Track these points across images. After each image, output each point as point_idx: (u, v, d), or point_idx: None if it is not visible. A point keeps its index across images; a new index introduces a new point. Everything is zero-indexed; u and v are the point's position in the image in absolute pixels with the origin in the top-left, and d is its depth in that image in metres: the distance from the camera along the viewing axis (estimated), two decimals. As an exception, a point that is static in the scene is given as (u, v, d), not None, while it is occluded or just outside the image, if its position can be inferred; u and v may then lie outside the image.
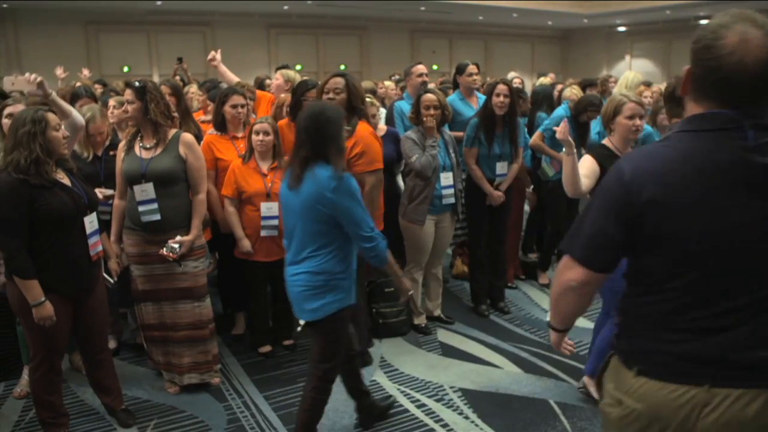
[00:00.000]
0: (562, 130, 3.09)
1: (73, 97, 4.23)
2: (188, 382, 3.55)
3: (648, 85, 5.91)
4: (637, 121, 3.15)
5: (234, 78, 4.72)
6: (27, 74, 3.13)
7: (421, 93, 4.09)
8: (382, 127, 4.37)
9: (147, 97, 3.22)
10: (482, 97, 4.74)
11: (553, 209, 5.12)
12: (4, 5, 13.18)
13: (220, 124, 4.03)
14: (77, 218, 2.90)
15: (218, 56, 4.73)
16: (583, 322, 4.46)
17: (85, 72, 6.81)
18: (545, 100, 5.43)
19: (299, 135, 2.72)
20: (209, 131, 4.12)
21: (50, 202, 2.77)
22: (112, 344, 4.01)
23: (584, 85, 6.23)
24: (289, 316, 4.11)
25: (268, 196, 3.76)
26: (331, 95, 3.52)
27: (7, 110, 3.36)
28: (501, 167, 4.45)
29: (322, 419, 3.23)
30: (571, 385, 3.60)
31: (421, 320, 4.37)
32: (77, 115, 3.34)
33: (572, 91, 5.34)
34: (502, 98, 4.30)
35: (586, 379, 3.46)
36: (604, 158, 3.10)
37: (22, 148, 2.72)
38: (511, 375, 3.76)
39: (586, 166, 3.09)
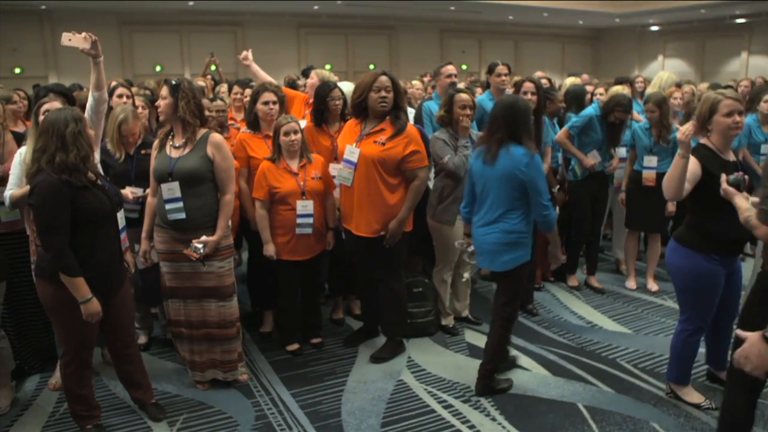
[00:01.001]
0: (684, 131, 2.93)
1: (110, 95, 4.30)
2: (210, 377, 3.60)
3: (679, 86, 5.82)
4: (737, 118, 3.02)
5: (266, 77, 4.75)
6: (84, 33, 3.24)
7: (453, 92, 4.06)
8: None
9: (179, 95, 3.27)
10: None
11: (577, 210, 5.07)
12: (42, 6, 13.49)
13: (253, 122, 4.07)
14: (112, 215, 2.98)
15: (250, 55, 4.76)
16: (616, 326, 4.42)
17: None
18: (574, 100, 5.36)
19: (495, 121, 3.30)
20: (242, 129, 4.16)
21: (90, 200, 2.84)
22: (142, 339, 4.10)
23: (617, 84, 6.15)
24: (316, 314, 4.17)
25: (303, 195, 3.80)
26: (382, 93, 3.61)
27: (44, 107, 3.44)
28: None
29: (348, 418, 3.28)
30: (599, 389, 3.56)
31: (449, 321, 4.35)
32: (105, 91, 3.48)
33: (616, 90, 5.26)
34: (529, 96, 4.30)
35: (672, 385, 3.42)
36: (707, 159, 3.04)
37: (71, 148, 2.78)
38: (539, 377, 3.72)
39: (690, 170, 2.99)
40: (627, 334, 4.32)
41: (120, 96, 4.27)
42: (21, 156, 3.39)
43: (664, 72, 5.89)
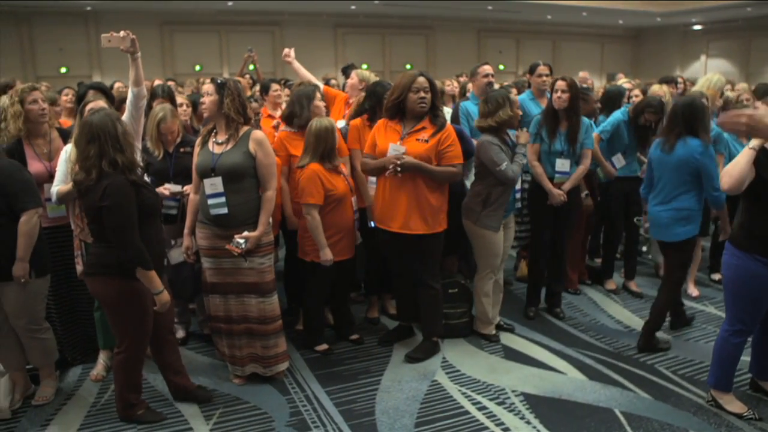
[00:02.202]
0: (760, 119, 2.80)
1: (151, 97, 4.39)
2: (250, 372, 3.64)
3: (731, 85, 5.66)
4: None
5: (307, 74, 4.77)
6: (122, 32, 3.40)
7: (506, 95, 4.03)
8: None
9: (224, 92, 3.35)
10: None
11: (609, 211, 5.00)
12: (87, 8, 13.83)
13: (290, 119, 4.11)
14: (159, 211, 3.15)
15: (292, 53, 4.78)
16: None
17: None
18: (610, 101, 5.25)
19: (674, 117, 3.80)
20: (282, 128, 4.20)
21: (147, 197, 3.02)
22: (180, 333, 4.17)
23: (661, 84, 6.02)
24: (349, 312, 4.20)
25: (352, 192, 3.87)
26: (421, 94, 3.65)
27: (89, 105, 3.53)
28: (561, 164, 4.37)
29: (382, 417, 3.29)
30: (637, 395, 3.50)
31: (489, 330, 4.24)
32: (144, 87, 3.63)
33: (662, 90, 5.17)
34: (560, 94, 4.28)
35: (713, 392, 3.35)
36: (762, 164, 2.95)
37: (125, 147, 2.93)
38: (575, 381, 3.68)
39: None
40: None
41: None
42: (67, 153, 3.49)
43: (713, 74, 5.71)
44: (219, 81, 3.42)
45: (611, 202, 4.96)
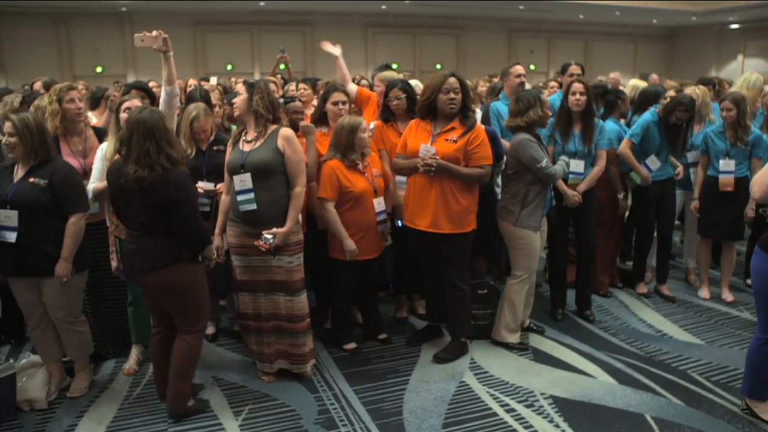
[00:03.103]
0: None
1: (189, 100, 4.46)
2: (278, 368, 3.68)
3: None
4: None
5: (347, 74, 4.76)
6: (154, 31, 3.49)
7: (539, 95, 4.01)
8: None
9: (254, 90, 3.43)
10: None
11: (641, 214, 4.90)
12: (123, 8, 14.09)
13: (321, 119, 4.14)
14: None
15: (338, 50, 4.77)
16: (688, 337, 4.27)
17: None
18: (644, 102, 5.17)
19: None
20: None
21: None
22: (210, 330, 4.22)
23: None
24: (377, 311, 4.21)
25: (375, 192, 3.86)
26: (451, 95, 3.66)
27: (126, 104, 3.61)
28: (575, 165, 4.33)
29: (409, 417, 3.30)
30: (669, 400, 3.44)
31: (514, 338, 4.14)
32: (176, 85, 3.74)
33: (696, 92, 5.07)
34: (577, 96, 4.25)
35: (748, 400, 3.28)
36: None
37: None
38: (605, 385, 3.63)
39: None
40: (699, 345, 4.16)
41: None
42: (102, 151, 3.57)
43: (751, 73, 5.58)
44: (249, 81, 3.50)
45: (644, 206, 4.87)
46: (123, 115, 3.58)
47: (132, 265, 3.16)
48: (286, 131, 3.47)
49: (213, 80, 7.03)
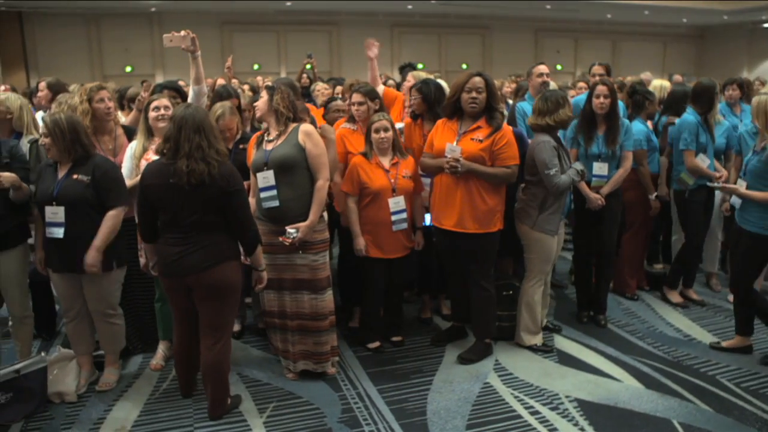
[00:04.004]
0: None
1: (216, 98, 4.49)
2: (302, 369, 3.69)
3: None
4: None
5: (378, 76, 4.77)
6: (182, 31, 3.57)
7: (564, 95, 3.97)
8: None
9: (274, 92, 3.48)
10: None
11: (691, 221, 4.71)
12: (152, 9, 14.27)
13: (351, 117, 4.17)
14: None
15: (376, 50, 4.77)
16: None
17: (228, 62, 6.95)
18: (675, 103, 5.09)
19: None
20: (342, 125, 4.25)
21: None
22: (236, 327, 4.25)
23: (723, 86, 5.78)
24: (398, 313, 4.21)
25: (394, 191, 3.84)
26: (473, 94, 3.65)
27: (154, 104, 3.66)
28: (598, 167, 4.29)
29: (433, 417, 3.29)
30: (697, 406, 3.39)
31: (537, 340, 4.11)
32: (204, 85, 3.83)
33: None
34: (602, 99, 4.21)
35: None
36: None
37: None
38: (631, 389, 3.59)
39: None
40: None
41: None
42: (132, 150, 3.62)
43: None
44: (270, 85, 3.58)
45: (694, 212, 4.65)
46: (152, 114, 3.64)
47: (183, 265, 3.09)
48: (307, 127, 3.52)
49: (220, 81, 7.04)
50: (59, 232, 3.30)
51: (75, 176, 3.29)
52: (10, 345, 3.84)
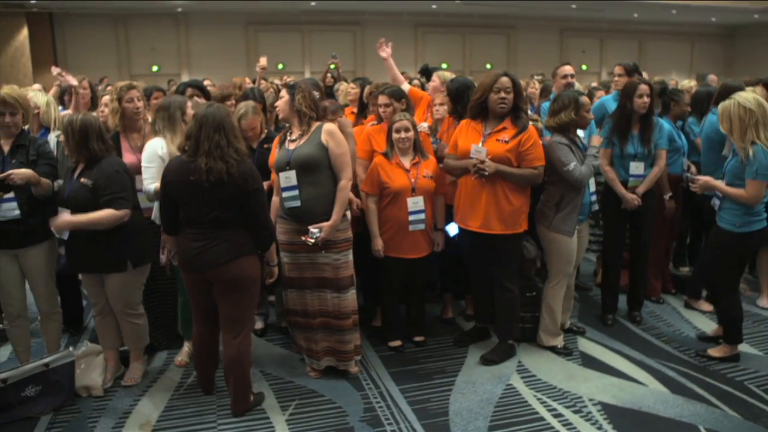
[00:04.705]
0: None
1: (244, 98, 4.54)
2: (325, 365, 3.71)
3: None
4: None
5: (399, 75, 4.78)
6: None
7: (576, 95, 3.93)
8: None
9: (295, 91, 3.49)
10: None
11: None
12: (178, 9, 14.44)
13: (380, 117, 4.17)
14: None
15: (389, 50, 4.77)
16: (745, 347, 4.12)
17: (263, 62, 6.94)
18: (699, 104, 5.00)
19: None
20: (369, 123, 4.26)
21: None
22: (259, 325, 4.29)
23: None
24: (420, 312, 4.20)
25: (413, 191, 3.84)
26: (502, 94, 3.65)
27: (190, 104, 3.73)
28: (635, 167, 4.25)
29: (455, 418, 3.29)
30: (724, 412, 3.33)
31: (558, 341, 4.08)
32: None
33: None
34: (645, 99, 4.17)
35: None
36: None
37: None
38: (657, 394, 3.54)
39: None
40: (757, 356, 4.02)
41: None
42: (163, 149, 3.55)
43: None
44: (291, 84, 3.59)
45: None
46: (191, 112, 3.69)
47: (202, 260, 3.12)
48: (329, 126, 3.52)
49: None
50: (65, 234, 3.39)
51: (82, 180, 3.32)
52: (39, 340, 3.90)
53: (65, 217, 3.30)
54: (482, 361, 3.89)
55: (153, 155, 3.54)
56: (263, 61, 6.35)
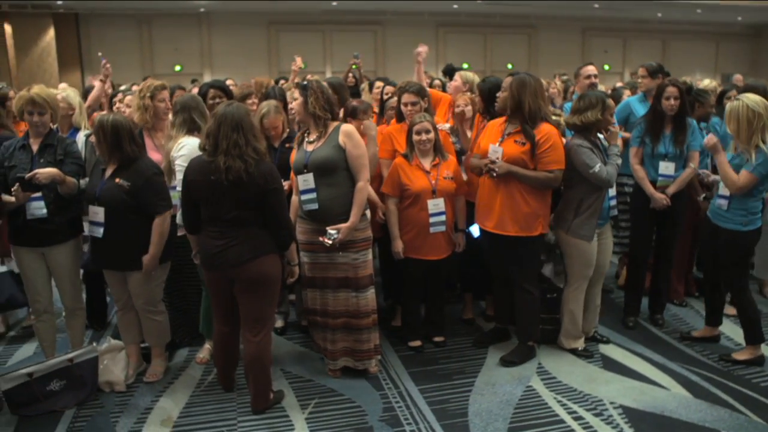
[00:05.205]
0: None
1: (266, 97, 4.57)
2: (343, 365, 3.71)
3: None
4: None
5: (424, 77, 4.78)
6: None
7: (603, 97, 3.89)
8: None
9: (307, 93, 3.46)
10: None
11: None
12: (201, 9, 14.57)
13: (400, 116, 4.17)
14: None
15: (423, 53, 4.75)
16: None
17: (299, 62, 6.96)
18: (720, 104, 4.93)
19: None
20: (393, 123, 4.27)
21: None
22: (279, 323, 4.32)
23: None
24: (440, 313, 4.20)
25: (434, 193, 3.83)
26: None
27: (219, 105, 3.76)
28: (665, 167, 4.22)
29: (474, 419, 3.28)
30: (749, 418, 3.28)
31: (579, 344, 4.04)
32: None
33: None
34: (672, 101, 4.14)
35: None
36: None
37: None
38: (679, 398, 3.50)
39: None
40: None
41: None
42: (191, 148, 3.52)
43: None
44: (302, 84, 3.54)
45: None
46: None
47: (223, 259, 3.15)
48: (347, 127, 3.52)
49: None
50: (99, 232, 3.41)
51: (117, 180, 3.37)
52: (64, 335, 3.97)
53: (148, 259, 3.41)
54: (502, 362, 3.88)
55: (185, 154, 3.50)
56: (299, 61, 6.54)
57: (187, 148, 3.54)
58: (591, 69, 4.92)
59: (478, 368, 3.84)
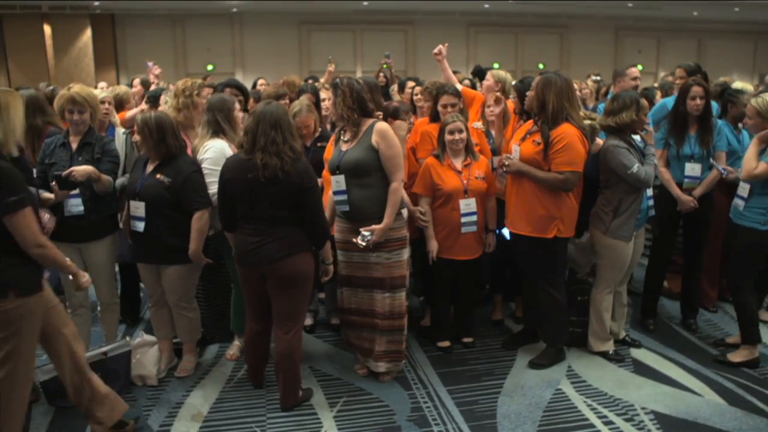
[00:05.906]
0: None
1: (299, 93, 4.60)
2: (375, 371, 3.69)
3: None
4: None
5: (452, 75, 4.78)
6: None
7: (637, 97, 3.83)
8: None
9: (337, 92, 3.47)
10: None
11: None
12: (233, 9, 14.73)
13: (436, 116, 4.15)
14: None
15: (444, 51, 4.77)
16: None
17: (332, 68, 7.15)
18: None
19: None
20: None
21: None
22: (308, 321, 4.34)
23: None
24: (469, 314, 4.19)
25: (466, 193, 3.82)
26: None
27: (237, 106, 3.80)
28: (691, 168, 4.16)
29: (503, 421, 3.26)
30: (786, 427, 3.22)
31: (608, 346, 4.00)
32: None
33: None
34: (697, 101, 4.09)
35: None
36: None
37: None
38: (713, 405, 3.43)
39: None
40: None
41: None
42: (216, 150, 3.58)
43: None
44: (334, 83, 3.53)
45: None
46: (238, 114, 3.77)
47: (257, 256, 3.18)
48: (381, 126, 3.46)
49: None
50: (140, 226, 3.49)
51: (158, 176, 3.44)
52: (97, 329, 4.05)
53: (193, 254, 3.50)
54: (530, 365, 3.85)
55: (222, 159, 3.45)
56: (332, 67, 6.77)
57: (212, 150, 3.57)
58: (636, 71, 4.88)
59: (507, 370, 3.83)
